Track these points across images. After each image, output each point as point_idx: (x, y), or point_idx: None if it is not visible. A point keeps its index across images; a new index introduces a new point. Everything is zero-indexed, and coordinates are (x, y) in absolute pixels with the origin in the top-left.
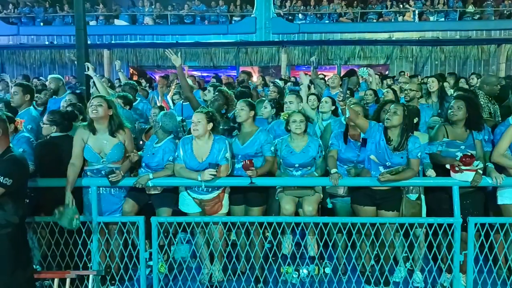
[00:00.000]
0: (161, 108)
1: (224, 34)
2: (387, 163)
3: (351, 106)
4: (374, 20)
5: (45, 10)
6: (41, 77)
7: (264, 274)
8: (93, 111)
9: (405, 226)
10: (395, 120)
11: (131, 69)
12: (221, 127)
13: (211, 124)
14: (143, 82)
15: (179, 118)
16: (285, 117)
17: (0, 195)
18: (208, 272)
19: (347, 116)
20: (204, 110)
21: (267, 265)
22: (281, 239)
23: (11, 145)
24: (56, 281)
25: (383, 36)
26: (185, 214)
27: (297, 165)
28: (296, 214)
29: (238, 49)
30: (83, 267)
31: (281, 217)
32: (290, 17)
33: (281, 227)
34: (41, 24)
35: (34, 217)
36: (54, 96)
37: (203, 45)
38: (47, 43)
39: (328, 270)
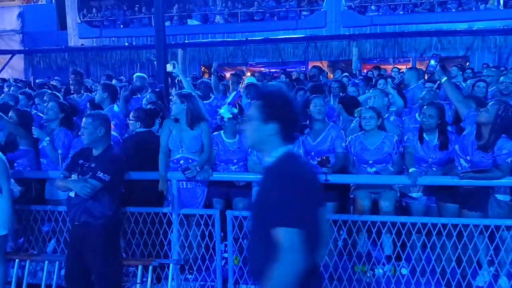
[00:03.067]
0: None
1: (294, 29)
2: (467, 157)
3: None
4: (453, 10)
5: (125, 13)
6: (121, 77)
7: (338, 272)
8: (171, 108)
9: (490, 228)
10: (483, 118)
11: (203, 68)
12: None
13: None
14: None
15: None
16: (358, 114)
17: (98, 189)
18: None
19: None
20: None
21: (341, 263)
22: (356, 237)
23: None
24: (140, 268)
25: (463, 26)
26: None
27: (371, 162)
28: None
29: (307, 44)
30: (164, 256)
31: (357, 216)
32: (361, 10)
33: (356, 226)
34: (121, 26)
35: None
36: (138, 94)
37: (272, 41)
38: (126, 44)
39: (405, 271)
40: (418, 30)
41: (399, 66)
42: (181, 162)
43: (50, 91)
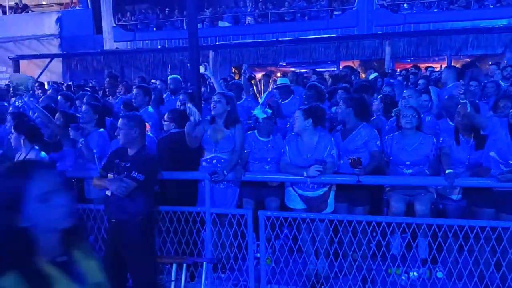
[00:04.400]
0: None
1: (325, 29)
2: (510, 161)
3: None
4: (491, 6)
5: (158, 17)
6: (153, 80)
7: (372, 274)
8: (213, 107)
9: None
10: None
11: (233, 69)
12: None
13: (310, 120)
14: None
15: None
16: (397, 113)
17: (133, 188)
18: (314, 268)
19: (468, 110)
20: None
21: (375, 265)
22: (390, 239)
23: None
24: (174, 266)
25: (502, 22)
26: (290, 209)
27: (408, 163)
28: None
29: (338, 43)
30: (197, 255)
31: (391, 217)
32: (394, 8)
33: (391, 227)
34: (154, 29)
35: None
36: (172, 96)
37: (303, 41)
38: (159, 47)
39: (440, 274)
40: (454, 27)
41: (433, 65)
42: (214, 161)
43: (90, 94)
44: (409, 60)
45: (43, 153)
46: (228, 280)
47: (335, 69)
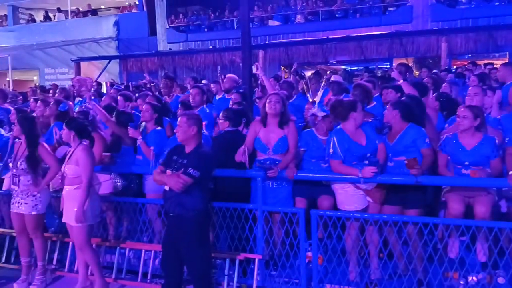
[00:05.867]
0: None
1: (377, 26)
2: None
3: None
4: None
5: (209, 18)
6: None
7: (428, 277)
8: (272, 107)
9: None
10: None
11: (283, 68)
12: None
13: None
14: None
15: None
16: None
17: (189, 184)
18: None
19: None
20: None
21: (431, 268)
22: (447, 241)
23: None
24: (227, 261)
25: None
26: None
27: (467, 163)
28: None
29: (392, 40)
30: (249, 251)
31: (450, 219)
32: (451, 3)
33: (449, 230)
34: (205, 30)
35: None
36: (224, 94)
37: (355, 38)
38: (210, 47)
39: (502, 280)
40: None
41: (493, 62)
42: (268, 162)
43: (152, 94)
44: (466, 57)
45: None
46: (279, 277)
47: (388, 66)
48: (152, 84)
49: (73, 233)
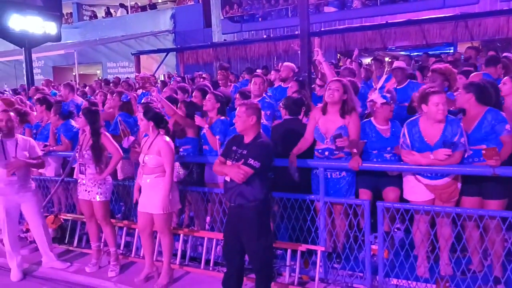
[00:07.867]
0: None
1: (440, 8)
2: None
3: None
4: None
5: (263, 7)
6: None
7: (506, 275)
8: (330, 95)
9: None
10: None
11: (339, 55)
12: None
13: None
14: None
15: None
16: None
17: (250, 175)
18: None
19: None
20: None
21: (510, 266)
22: None
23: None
24: (288, 252)
25: None
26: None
27: None
28: None
29: (456, 23)
30: (311, 243)
31: None
32: None
33: None
34: (259, 19)
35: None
36: (280, 84)
37: (416, 22)
38: (264, 36)
39: None
40: None
41: None
42: (326, 153)
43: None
44: None
45: (167, 137)
46: (343, 270)
47: (451, 51)
48: (204, 77)
49: (149, 220)
